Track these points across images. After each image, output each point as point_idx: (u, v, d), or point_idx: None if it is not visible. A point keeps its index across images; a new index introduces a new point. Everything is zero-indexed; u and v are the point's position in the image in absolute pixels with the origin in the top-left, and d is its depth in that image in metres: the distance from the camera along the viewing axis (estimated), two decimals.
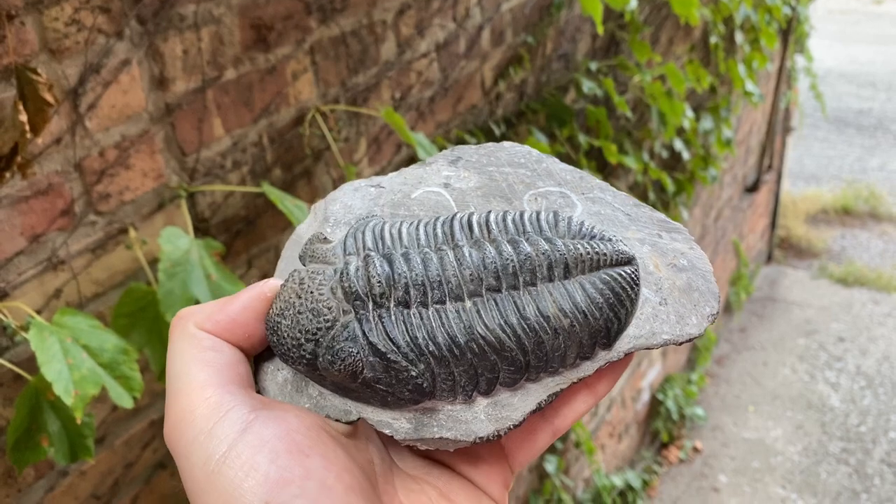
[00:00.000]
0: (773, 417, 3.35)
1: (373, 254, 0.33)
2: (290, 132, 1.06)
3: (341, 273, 0.32)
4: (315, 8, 1.04)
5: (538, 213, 0.35)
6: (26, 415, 0.73)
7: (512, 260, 0.33)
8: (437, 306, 0.32)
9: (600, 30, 1.43)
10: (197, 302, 0.83)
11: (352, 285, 0.32)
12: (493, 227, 0.34)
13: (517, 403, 0.33)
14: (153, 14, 0.85)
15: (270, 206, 1.03)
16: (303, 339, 0.32)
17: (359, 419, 0.33)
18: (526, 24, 1.56)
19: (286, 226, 1.09)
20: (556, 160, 0.40)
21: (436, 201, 0.37)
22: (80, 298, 0.85)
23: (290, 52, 1.02)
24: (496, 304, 0.33)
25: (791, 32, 3.40)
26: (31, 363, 0.78)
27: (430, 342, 0.32)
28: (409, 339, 0.31)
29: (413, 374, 0.31)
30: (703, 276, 0.36)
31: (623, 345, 0.34)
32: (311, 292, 0.32)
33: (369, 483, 0.31)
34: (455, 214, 0.35)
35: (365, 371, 0.31)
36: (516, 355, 0.32)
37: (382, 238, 0.34)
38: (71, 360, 0.73)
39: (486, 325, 0.32)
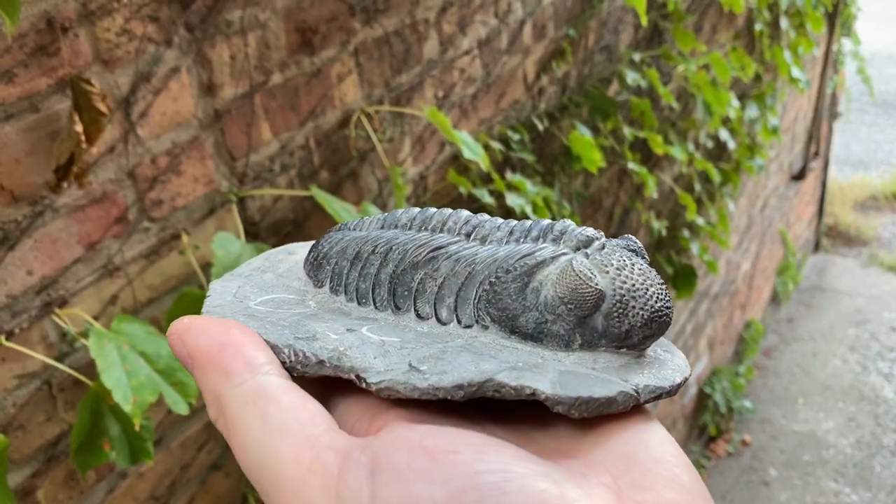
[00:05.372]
0: (824, 409, 3.29)
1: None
2: (335, 134, 1.06)
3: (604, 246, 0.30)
4: (359, 9, 1.04)
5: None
6: (88, 419, 0.74)
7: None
8: None
9: (644, 20, 1.41)
10: None
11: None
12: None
13: None
14: (201, 21, 0.86)
15: (318, 209, 1.04)
16: (667, 296, 0.30)
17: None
18: (568, 17, 1.54)
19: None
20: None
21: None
22: (135, 304, 0.87)
23: (334, 55, 1.03)
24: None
25: (837, 16, 3.32)
26: (89, 368, 0.79)
27: None
28: None
29: None
30: None
31: None
32: (636, 267, 0.30)
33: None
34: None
35: None
36: None
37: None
38: (129, 367, 0.74)
39: None
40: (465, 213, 0.33)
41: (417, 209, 0.34)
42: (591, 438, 0.26)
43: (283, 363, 0.29)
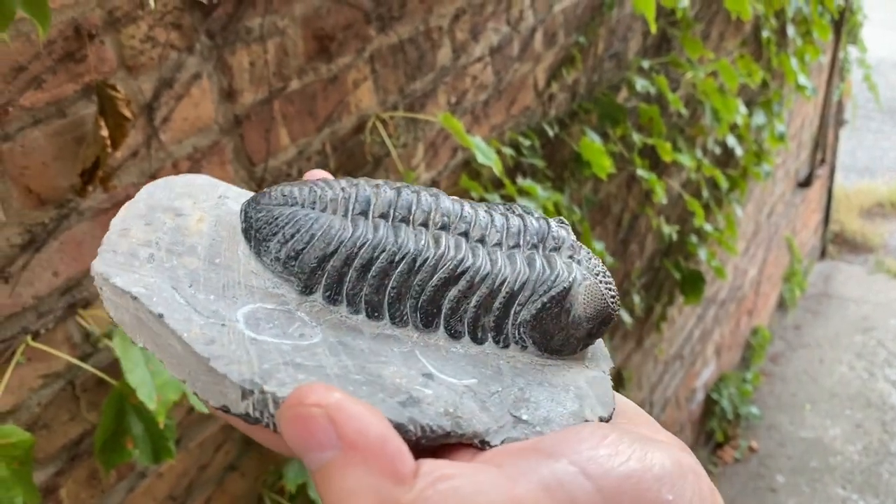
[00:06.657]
0: (831, 416, 3.29)
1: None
2: (351, 140, 1.07)
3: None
4: (374, 17, 1.06)
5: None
6: (112, 418, 0.76)
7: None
8: None
9: (653, 28, 1.43)
10: None
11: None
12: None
13: None
14: (221, 28, 0.87)
15: None
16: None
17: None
18: (578, 25, 1.56)
19: None
20: None
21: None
22: None
23: (350, 61, 1.04)
24: None
25: (844, 23, 3.33)
26: (112, 368, 0.81)
27: None
28: None
29: None
30: None
31: None
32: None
33: None
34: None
35: None
36: None
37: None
38: (152, 367, 0.75)
39: None
40: (448, 203, 0.33)
41: (390, 190, 0.32)
42: None
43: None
